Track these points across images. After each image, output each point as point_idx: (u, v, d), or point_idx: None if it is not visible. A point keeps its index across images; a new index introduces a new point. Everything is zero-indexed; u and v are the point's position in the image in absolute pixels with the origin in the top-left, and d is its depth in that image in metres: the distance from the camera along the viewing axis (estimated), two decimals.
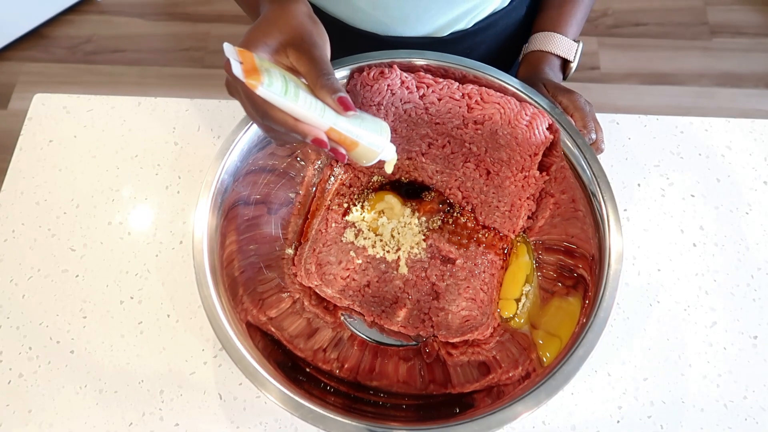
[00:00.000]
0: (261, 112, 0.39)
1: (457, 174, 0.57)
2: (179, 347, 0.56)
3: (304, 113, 0.38)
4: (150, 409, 0.54)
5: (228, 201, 0.50)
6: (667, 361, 0.56)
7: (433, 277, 0.55)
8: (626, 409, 0.54)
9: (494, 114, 0.53)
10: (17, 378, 0.55)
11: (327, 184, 0.59)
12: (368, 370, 0.52)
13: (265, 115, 0.39)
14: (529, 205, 0.54)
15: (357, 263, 0.56)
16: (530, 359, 0.48)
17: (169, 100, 0.69)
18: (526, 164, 0.53)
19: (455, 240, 0.56)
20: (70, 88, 1.51)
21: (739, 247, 0.60)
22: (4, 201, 0.63)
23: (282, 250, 0.57)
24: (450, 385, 0.50)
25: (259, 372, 0.43)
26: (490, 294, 0.54)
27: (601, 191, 0.48)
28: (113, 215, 0.63)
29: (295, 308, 0.54)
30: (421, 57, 0.53)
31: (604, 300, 0.44)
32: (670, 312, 0.58)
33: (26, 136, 0.67)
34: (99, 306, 0.58)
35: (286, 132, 0.40)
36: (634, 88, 1.49)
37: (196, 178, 0.65)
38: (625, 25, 1.58)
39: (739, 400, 0.54)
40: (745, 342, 0.56)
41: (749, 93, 1.48)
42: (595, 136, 0.53)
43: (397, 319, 0.54)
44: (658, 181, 0.64)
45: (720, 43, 1.55)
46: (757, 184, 0.64)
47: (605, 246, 0.46)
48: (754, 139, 0.66)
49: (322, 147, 0.40)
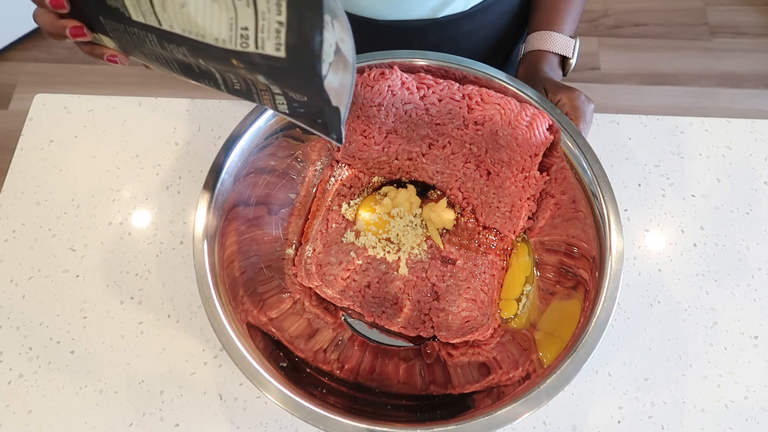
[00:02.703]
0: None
1: (458, 175, 0.57)
2: (180, 348, 0.56)
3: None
4: (150, 410, 0.54)
5: (228, 201, 0.50)
6: (667, 362, 0.55)
7: (434, 277, 0.55)
8: (627, 410, 0.54)
9: (495, 115, 0.53)
10: (17, 378, 0.55)
11: (327, 185, 0.59)
12: (369, 371, 0.52)
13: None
14: (529, 206, 0.54)
15: (357, 264, 0.56)
16: (531, 360, 0.48)
17: (170, 101, 0.69)
18: (526, 165, 0.53)
19: (456, 241, 0.56)
20: (70, 88, 1.51)
21: (740, 248, 0.60)
22: (5, 201, 0.63)
23: (282, 250, 0.57)
24: (450, 385, 0.50)
25: (259, 372, 0.43)
26: (491, 295, 0.54)
27: (602, 191, 0.48)
28: (114, 215, 0.63)
29: (295, 309, 0.54)
30: (422, 57, 0.53)
31: (605, 300, 0.44)
32: (670, 312, 0.58)
33: (27, 137, 0.67)
34: (99, 306, 0.58)
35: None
36: (635, 88, 1.49)
37: (197, 179, 0.65)
38: (625, 26, 1.58)
39: (740, 401, 0.54)
40: (746, 342, 0.56)
41: (749, 93, 1.48)
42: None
43: (398, 320, 0.54)
44: (659, 181, 0.64)
45: (720, 43, 1.55)
46: (757, 184, 0.64)
47: (606, 246, 0.46)
48: (754, 139, 0.66)
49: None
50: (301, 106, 0.37)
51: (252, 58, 0.32)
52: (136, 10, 0.33)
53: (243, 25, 0.31)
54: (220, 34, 0.31)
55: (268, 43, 0.31)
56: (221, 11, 0.31)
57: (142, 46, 0.36)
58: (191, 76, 0.37)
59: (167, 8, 0.32)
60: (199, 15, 0.31)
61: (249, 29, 0.31)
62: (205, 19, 0.31)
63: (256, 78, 0.34)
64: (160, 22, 0.33)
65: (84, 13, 0.36)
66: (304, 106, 0.37)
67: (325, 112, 0.37)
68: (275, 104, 0.37)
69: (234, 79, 0.36)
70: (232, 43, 0.31)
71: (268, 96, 0.36)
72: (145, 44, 0.36)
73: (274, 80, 0.34)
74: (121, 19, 0.34)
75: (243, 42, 0.31)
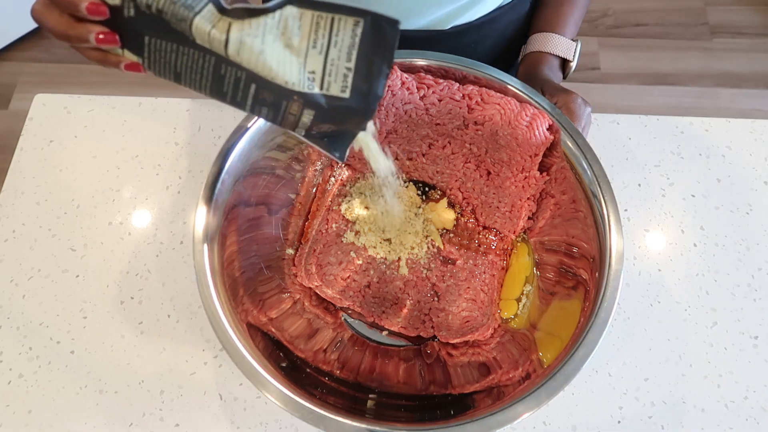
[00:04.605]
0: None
1: (458, 175, 0.57)
2: (180, 348, 0.56)
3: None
4: (150, 410, 0.54)
5: (229, 201, 0.50)
6: (667, 362, 0.55)
7: (434, 277, 0.55)
8: (627, 410, 0.54)
9: (494, 115, 0.53)
10: (17, 378, 0.55)
11: (327, 185, 0.59)
12: (369, 371, 0.52)
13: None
14: (529, 206, 0.54)
15: (357, 264, 0.56)
16: (531, 360, 0.48)
17: (170, 100, 0.69)
18: (526, 165, 0.53)
19: (456, 241, 0.56)
20: (70, 88, 1.51)
21: (740, 248, 0.60)
22: (5, 201, 0.63)
23: (282, 250, 0.57)
24: (450, 385, 0.50)
25: (259, 372, 0.43)
26: (491, 295, 0.54)
27: (602, 191, 0.48)
28: (114, 215, 0.63)
29: (295, 309, 0.54)
30: (422, 57, 0.53)
31: (605, 300, 0.44)
32: (670, 312, 0.58)
33: (27, 137, 0.67)
34: (99, 306, 0.58)
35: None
36: (635, 88, 1.49)
37: (197, 179, 0.65)
38: (625, 26, 1.58)
39: (740, 401, 0.54)
40: (746, 342, 0.56)
41: (749, 93, 1.48)
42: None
43: (398, 320, 0.54)
44: (659, 181, 0.64)
45: (720, 43, 1.55)
46: (757, 184, 0.64)
47: (606, 246, 0.46)
48: (754, 139, 0.66)
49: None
50: (320, 132, 0.39)
51: (314, 98, 0.35)
52: (203, 41, 0.33)
53: (311, 69, 0.34)
54: (291, 78, 0.34)
55: (334, 85, 0.35)
56: (293, 58, 0.34)
57: (182, 66, 0.36)
58: (218, 98, 0.38)
59: (242, 53, 0.33)
60: (274, 62, 0.33)
61: (316, 73, 0.34)
62: (279, 65, 0.33)
63: (303, 112, 0.36)
64: (228, 59, 0.34)
65: (117, 24, 0.35)
66: (323, 132, 0.39)
67: (340, 136, 0.39)
68: (294, 127, 0.38)
69: (266, 110, 0.37)
70: (300, 86, 0.34)
71: (292, 122, 0.37)
72: (191, 67, 0.36)
73: (322, 114, 0.36)
74: (182, 41, 0.34)
75: (309, 84, 0.34)
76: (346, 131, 0.39)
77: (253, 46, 0.33)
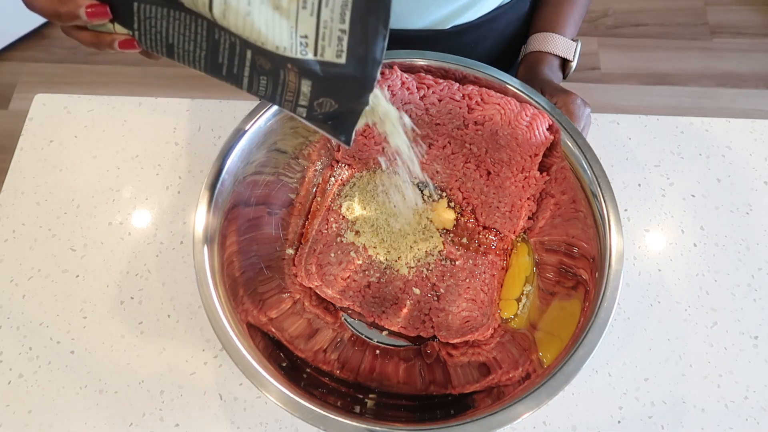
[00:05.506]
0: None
1: (458, 174, 0.57)
2: (180, 347, 0.56)
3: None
4: (150, 410, 0.54)
5: (229, 201, 0.50)
6: (667, 362, 0.55)
7: (434, 277, 0.55)
8: (627, 410, 0.54)
9: (494, 115, 0.53)
10: (17, 378, 0.55)
11: (327, 185, 0.59)
12: (369, 371, 0.52)
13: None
14: (529, 206, 0.54)
15: (357, 264, 0.56)
16: (531, 360, 0.48)
17: (170, 100, 0.69)
18: (526, 165, 0.53)
19: (456, 241, 0.56)
20: (70, 88, 1.51)
21: (740, 248, 0.60)
22: (5, 201, 0.63)
23: (282, 250, 0.57)
24: (450, 385, 0.50)
25: (259, 372, 0.43)
26: (491, 295, 0.54)
27: (602, 191, 0.48)
28: (114, 215, 0.63)
29: (295, 309, 0.54)
30: (422, 57, 0.53)
31: (605, 300, 0.44)
32: (670, 312, 0.58)
33: (27, 137, 0.67)
34: (99, 306, 0.58)
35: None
36: (635, 88, 1.49)
37: (197, 179, 0.65)
38: (625, 26, 1.58)
39: (740, 401, 0.54)
40: (746, 342, 0.56)
41: (749, 93, 1.48)
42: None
43: (398, 320, 0.54)
44: (659, 181, 0.64)
45: (720, 43, 1.55)
46: (757, 184, 0.64)
47: (606, 246, 0.46)
48: (754, 139, 0.66)
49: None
50: (322, 113, 0.37)
51: (308, 65, 0.33)
52: (190, 3, 0.32)
53: (303, 33, 0.32)
54: (282, 42, 0.32)
55: (329, 50, 0.32)
56: (282, 21, 0.31)
57: (174, 36, 0.35)
58: (215, 73, 0.36)
59: (228, 15, 0.31)
60: (262, 25, 0.31)
61: (309, 37, 0.32)
62: (268, 28, 0.32)
63: (301, 83, 0.34)
64: (217, 22, 0.32)
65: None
66: (325, 112, 0.37)
67: (343, 116, 0.38)
68: (294, 108, 0.37)
69: (264, 82, 0.35)
70: (293, 51, 0.32)
71: (291, 100, 0.36)
72: (183, 35, 0.34)
73: (321, 85, 0.34)
74: (171, 4, 0.33)
75: (302, 50, 0.32)
76: (349, 110, 0.37)
77: (239, 7, 0.31)
